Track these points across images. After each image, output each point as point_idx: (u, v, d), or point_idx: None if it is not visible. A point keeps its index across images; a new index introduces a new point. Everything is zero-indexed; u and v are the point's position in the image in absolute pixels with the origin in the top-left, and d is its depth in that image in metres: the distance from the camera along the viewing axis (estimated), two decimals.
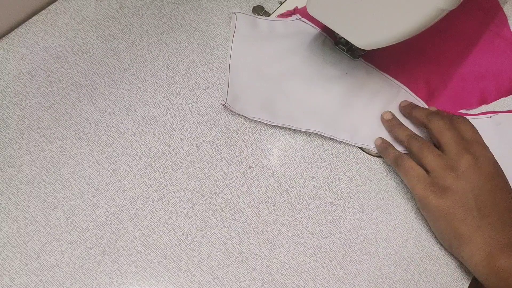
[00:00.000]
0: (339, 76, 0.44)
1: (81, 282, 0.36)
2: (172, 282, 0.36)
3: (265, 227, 0.39)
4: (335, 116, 0.43)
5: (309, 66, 0.44)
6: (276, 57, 0.44)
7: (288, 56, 0.44)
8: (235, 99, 0.42)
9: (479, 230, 0.35)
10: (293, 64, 0.44)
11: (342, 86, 0.44)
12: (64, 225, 0.37)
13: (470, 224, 0.35)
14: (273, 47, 0.45)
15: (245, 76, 0.43)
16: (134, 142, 0.41)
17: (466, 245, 0.36)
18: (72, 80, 0.43)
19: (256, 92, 0.43)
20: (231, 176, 0.40)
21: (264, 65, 0.44)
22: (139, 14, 0.46)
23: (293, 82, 0.43)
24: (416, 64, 0.46)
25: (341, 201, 0.40)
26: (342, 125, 0.42)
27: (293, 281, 0.37)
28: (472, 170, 0.36)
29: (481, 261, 0.35)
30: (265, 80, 0.43)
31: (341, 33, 0.39)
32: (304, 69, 0.44)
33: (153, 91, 0.43)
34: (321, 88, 0.43)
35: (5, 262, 0.36)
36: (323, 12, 0.39)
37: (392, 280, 0.38)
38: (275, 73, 0.44)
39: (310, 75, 0.44)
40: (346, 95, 0.43)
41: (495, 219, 0.35)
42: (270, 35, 0.45)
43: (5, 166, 0.39)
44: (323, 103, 0.43)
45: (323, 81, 0.44)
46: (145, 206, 0.38)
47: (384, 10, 0.34)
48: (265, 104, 0.42)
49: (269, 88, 0.43)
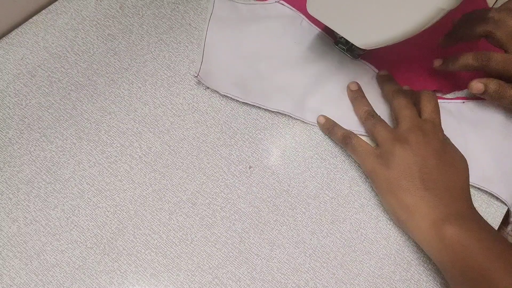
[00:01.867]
0: (313, 59, 0.45)
1: (81, 281, 0.36)
2: (172, 282, 0.36)
3: (265, 227, 0.39)
4: (304, 98, 0.43)
5: (285, 47, 0.45)
6: (253, 37, 0.45)
7: (265, 37, 0.45)
8: (208, 74, 0.43)
9: (423, 200, 0.36)
10: (270, 45, 0.45)
11: (316, 69, 0.44)
12: (64, 224, 0.37)
13: (414, 195, 0.36)
14: (251, 28, 0.45)
15: (220, 53, 0.44)
16: (134, 142, 0.41)
17: (411, 215, 0.36)
18: (72, 80, 0.43)
19: (230, 69, 0.43)
20: (231, 176, 0.40)
21: (240, 44, 0.45)
22: (139, 14, 0.46)
23: (268, 63, 0.44)
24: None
25: (341, 201, 0.40)
26: (311, 106, 0.43)
27: (293, 281, 0.37)
28: (419, 145, 0.37)
29: (426, 230, 0.35)
30: (240, 59, 0.44)
31: (341, 32, 0.39)
32: (280, 51, 0.45)
33: (153, 91, 0.43)
34: (295, 70, 0.44)
35: (5, 262, 0.36)
36: (323, 12, 0.39)
37: (392, 280, 0.38)
38: (251, 53, 0.44)
39: (286, 56, 0.45)
40: (320, 77, 0.44)
41: (439, 191, 0.36)
42: (249, 17, 0.46)
43: (5, 166, 0.39)
44: (295, 84, 0.44)
45: (298, 63, 0.44)
46: (145, 206, 0.38)
47: (384, 9, 0.34)
48: (237, 82, 0.43)
49: (243, 66, 0.44)
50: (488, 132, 0.42)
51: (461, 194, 0.37)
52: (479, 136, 0.42)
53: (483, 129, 0.43)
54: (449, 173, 0.37)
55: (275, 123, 0.43)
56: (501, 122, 0.43)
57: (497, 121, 0.43)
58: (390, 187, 0.37)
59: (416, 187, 0.36)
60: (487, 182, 0.41)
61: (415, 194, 0.36)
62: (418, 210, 0.36)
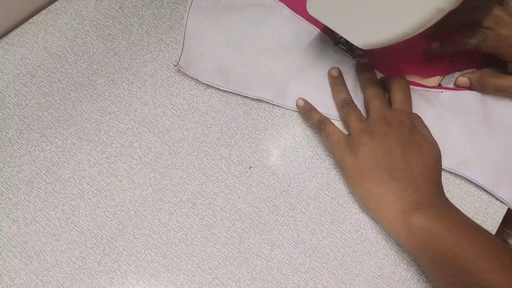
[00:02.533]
0: (294, 47, 0.45)
1: (81, 282, 0.36)
2: (172, 282, 0.36)
3: (265, 227, 0.39)
4: (285, 84, 0.44)
5: (265, 35, 0.45)
6: (233, 25, 0.45)
7: (245, 26, 0.45)
8: (189, 62, 0.43)
9: (391, 189, 0.36)
10: (250, 33, 0.45)
11: (297, 56, 0.45)
12: (64, 225, 0.37)
13: (380, 185, 0.37)
14: (231, 17, 0.46)
15: (201, 41, 0.44)
16: (134, 142, 0.41)
17: (379, 205, 0.37)
18: (72, 80, 0.43)
19: (211, 58, 0.44)
20: (231, 176, 0.40)
21: (220, 32, 0.45)
22: (139, 14, 0.46)
23: (248, 51, 0.44)
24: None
25: (341, 201, 0.40)
26: (291, 93, 0.43)
27: (293, 281, 0.37)
28: (385, 135, 0.38)
29: (393, 219, 0.36)
30: (221, 47, 0.44)
31: (341, 33, 0.39)
32: (260, 39, 0.45)
33: (153, 91, 0.43)
34: (275, 58, 0.44)
35: (5, 262, 0.36)
36: (323, 12, 0.39)
37: (392, 280, 0.38)
38: (231, 41, 0.45)
39: (266, 44, 0.45)
40: (301, 65, 0.44)
41: (405, 181, 0.37)
42: (229, 5, 0.47)
43: (5, 166, 0.39)
44: (276, 72, 0.44)
45: (279, 51, 0.45)
46: (145, 206, 0.38)
47: (384, 9, 0.34)
48: (218, 70, 0.43)
49: (224, 54, 0.44)
50: (467, 119, 0.43)
51: (428, 182, 0.37)
52: (458, 124, 0.43)
53: (462, 116, 0.43)
54: (416, 161, 0.37)
55: (275, 123, 0.43)
56: (480, 110, 0.43)
57: (476, 109, 0.44)
58: (357, 176, 0.38)
59: (383, 176, 0.37)
60: (462, 166, 0.41)
61: (382, 183, 0.37)
62: (385, 200, 0.37)
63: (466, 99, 0.44)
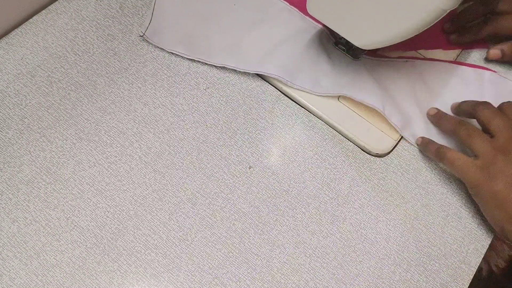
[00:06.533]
0: (263, 19, 0.46)
1: (81, 282, 0.36)
2: (172, 282, 0.36)
3: (265, 227, 0.39)
4: (248, 51, 0.44)
5: (234, 8, 0.46)
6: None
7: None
8: (155, 32, 0.44)
9: None
10: (220, 5, 0.46)
11: (266, 27, 0.46)
12: (64, 225, 0.37)
13: None
14: None
15: (170, 12, 0.45)
16: (134, 142, 0.41)
17: None
18: (72, 80, 0.43)
19: (178, 27, 0.45)
20: (231, 176, 0.40)
21: (191, 4, 0.46)
22: (139, 14, 0.46)
23: (217, 22, 0.45)
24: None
25: (341, 201, 0.40)
26: (254, 58, 0.44)
27: (293, 281, 0.37)
28: None
29: None
30: (190, 17, 0.45)
31: (341, 33, 0.39)
32: (231, 11, 0.46)
33: (153, 91, 0.43)
34: (243, 29, 0.45)
35: (5, 262, 0.36)
36: (323, 12, 0.39)
37: (392, 280, 0.38)
38: (201, 12, 0.46)
39: (234, 17, 0.46)
40: (267, 35, 0.45)
41: None
42: None
43: (5, 166, 0.39)
44: (241, 41, 0.45)
45: (246, 23, 0.46)
46: (145, 206, 0.38)
47: (384, 10, 0.34)
48: (183, 39, 0.44)
49: (192, 24, 0.45)
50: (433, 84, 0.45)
51: None
52: (426, 89, 0.44)
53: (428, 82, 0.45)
54: None
55: (275, 123, 0.43)
56: None
57: None
58: (496, 200, 0.36)
59: None
60: None
61: None
62: None
63: (427, 65, 0.46)
